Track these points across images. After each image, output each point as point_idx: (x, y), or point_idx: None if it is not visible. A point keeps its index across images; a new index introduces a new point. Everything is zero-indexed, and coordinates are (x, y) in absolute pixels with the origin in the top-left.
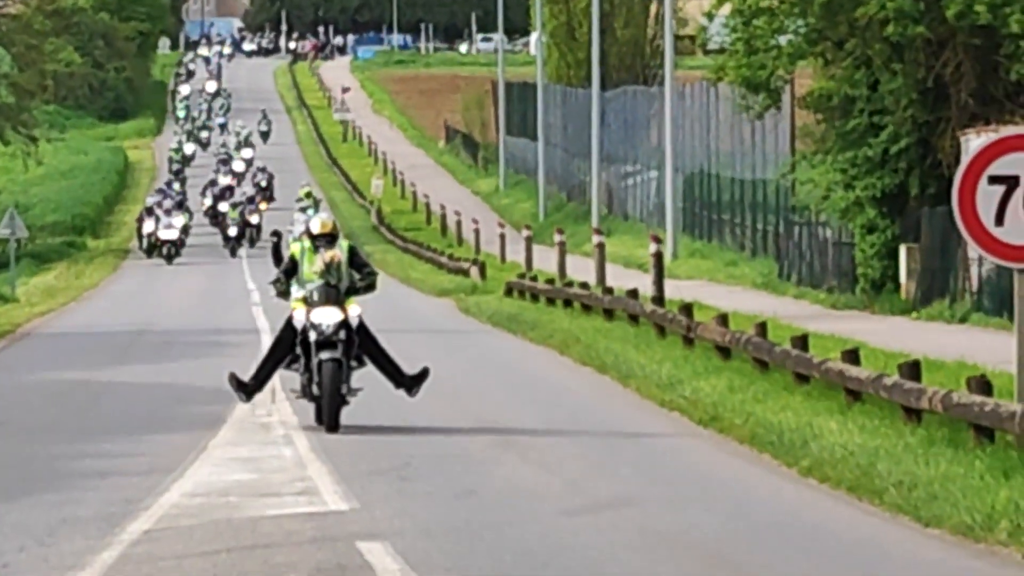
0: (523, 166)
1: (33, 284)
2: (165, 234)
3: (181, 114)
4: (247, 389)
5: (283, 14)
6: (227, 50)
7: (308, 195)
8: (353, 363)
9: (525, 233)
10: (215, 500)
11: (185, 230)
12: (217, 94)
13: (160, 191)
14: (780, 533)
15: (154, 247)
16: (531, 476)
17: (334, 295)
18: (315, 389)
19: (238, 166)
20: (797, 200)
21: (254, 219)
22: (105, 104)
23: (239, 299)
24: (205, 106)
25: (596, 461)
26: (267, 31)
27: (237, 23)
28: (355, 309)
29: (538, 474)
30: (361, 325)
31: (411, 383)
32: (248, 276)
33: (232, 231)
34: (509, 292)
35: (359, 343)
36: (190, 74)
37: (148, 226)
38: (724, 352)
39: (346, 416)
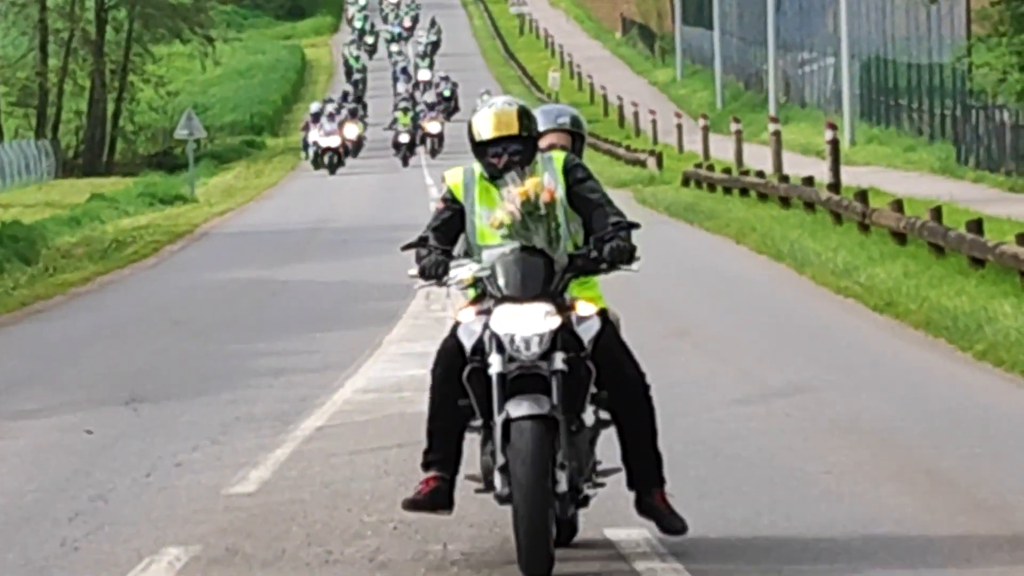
0: (699, 55)
1: (212, 184)
2: (326, 141)
3: (358, 24)
4: (432, 501)
5: None
6: None
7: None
8: (583, 419)
9: (702, 123)
10: (388, 396)
11: (359, 141)
12: (397, 6)
13: (327, 100)
14: (954, 417)
15: (319, 156)
16: (705, 365)
17: (540, 273)
18: (498, 483)
19: (423, 75)
20: (974, 84)
21: (433, 127)
22: (282, 3)
23: (416, 195)
24: (391, 13)
25: (770, 349)
26: None
27: None
28: (587, 307)
29: (712, 363)
30: (605, 337)
31: (673, 523)
32: (426, 172)
33: (403, 138)
34: (686, 182)
35: (599, 375)
36: None
37: (312, 134)
38: (900, 238)
39: None
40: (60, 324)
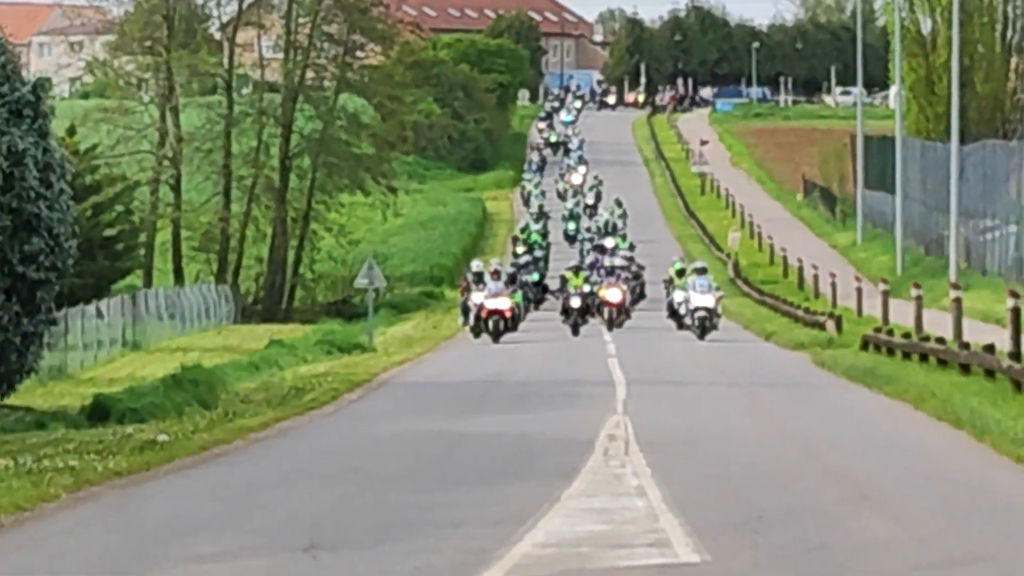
0: (881, 220)
1: (391, 333)
2: (492, 303)
3: (535, 202)
4: None
5: (642, 66)
6: (567, 118)
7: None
8: None
9: (882, 287)
10: (567, 551)
11: (517, 307)
12: (581, 186)
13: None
14: None
15: (481, 321)
16: (884, 531)
17: None
18: None
19: (617, 260)
20: None
21: (612, 295)
22: (464, 155)
23: (595, 351)
24: (570, 191)
25: (950, 516)
26: (625, 83)
27: (596, 75)
28: None
29: (891, 529)
30: None
31: None
32: (607, 336)
33: (574, 302)
34: (865, 346)
35: None
36: (551, 147)
37: (475, 296)
38: None
39: (702, 467)
40: (240, 469)
